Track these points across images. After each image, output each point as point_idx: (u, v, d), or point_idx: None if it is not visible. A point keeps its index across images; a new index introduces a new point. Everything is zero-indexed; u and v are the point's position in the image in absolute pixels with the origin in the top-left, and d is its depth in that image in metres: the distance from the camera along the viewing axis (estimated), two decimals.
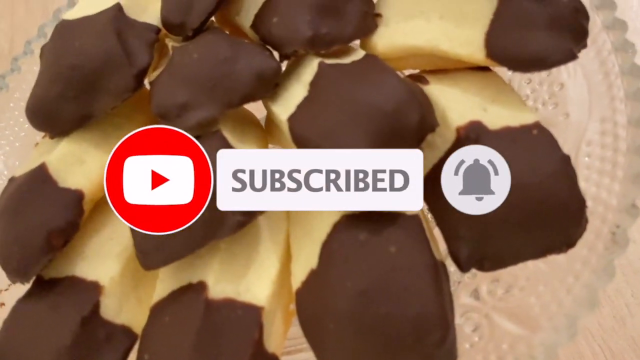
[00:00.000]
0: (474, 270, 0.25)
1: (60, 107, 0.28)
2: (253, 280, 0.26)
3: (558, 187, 0.24)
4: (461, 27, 0.27)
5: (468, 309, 0.26)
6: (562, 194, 0.24)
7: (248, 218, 0.25)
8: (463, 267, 0.24)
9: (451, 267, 0.26)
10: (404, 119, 0.24)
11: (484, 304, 0.26)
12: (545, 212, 0.23)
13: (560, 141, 0.25)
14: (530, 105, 0.30)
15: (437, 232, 0.26)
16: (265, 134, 0.30)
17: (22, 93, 0.37)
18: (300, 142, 0.25)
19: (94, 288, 0.26)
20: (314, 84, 0.26)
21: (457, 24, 0.27)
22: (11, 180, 0.29)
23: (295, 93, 0.27)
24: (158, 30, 0.30)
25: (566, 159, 0.24)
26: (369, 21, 0.29)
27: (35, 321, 0.26)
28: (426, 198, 0.26)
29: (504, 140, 0.24)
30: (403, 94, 0.24)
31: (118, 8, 0.29)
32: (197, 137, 0.26)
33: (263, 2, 0.29)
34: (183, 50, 0.28)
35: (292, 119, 0.26)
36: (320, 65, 0.26)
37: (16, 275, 0.26)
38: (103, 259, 0.28)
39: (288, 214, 0.28)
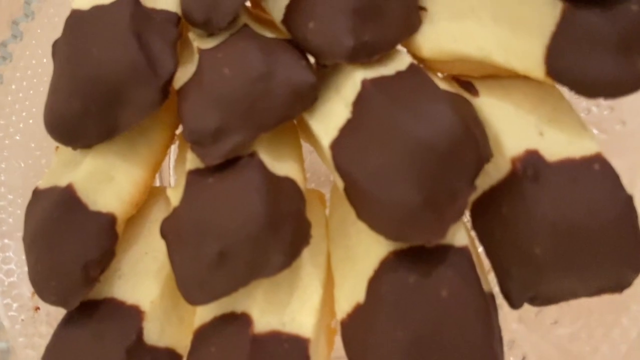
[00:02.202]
0: None
1: (83, 123, 0.26)
2: (297, 308, 0.25)
3: (618, 231, 0.23)
4: (518, 36, 0.24)
5: (515, 336, 0.26)
6: (622, 238, 0.23)
7: (291, 258, 0.24)
8: (514, 305, 0.24)
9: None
10: (459, 159, 0.22)
11: (531, 331, 0.26)
12: (602, 255, 0.23)
13: (617, 157, 0.23)
14: (583, 105, 0.28)
15: None
16: (299, 140, 0.28)
17: (17, 83, 0.34)
18: (346, 178, 0.24)
19: (136, 314, 0.26)
20: (357, 105, 0.24)
21: (513, 31, 0.24)
22: (35, 193, 0.28)
23: (336, 111, 0.25)
24: (178, 20, 0.28)
25: (628, 201, 0.23)
26: (414, 18, 0.26)
27: (79, 351, 0.26)
28: (475, 225, 0.26)
29: (564, 177, 0.23)
30: (457, 129, 0.22)
31: (134, 0, 0.26)
32: (232, 161, 0.25)
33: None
34: (212, 62, 0.25)
35: (335, 146, 0.24)
36: (364, 84, 0.24)
37: (57, 305, 0.26)
38: (141, 278, 0.27)
39: (328, 232, 0.28)
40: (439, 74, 0.28)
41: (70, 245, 0.25)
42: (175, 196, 0.26)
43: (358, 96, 0.24)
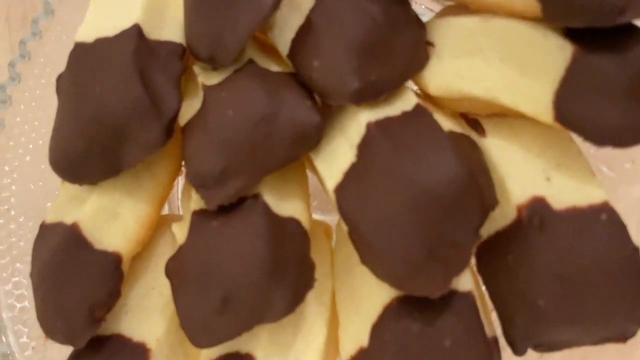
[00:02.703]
0: None
1: (87, 163, 0.26)
2: (302, 349, 0.26)
3: (623, 284, 0.22)
4: (526, 78, 0.23)
5: None
6: (627, 290, 0.22)
7: (295, 304, 0.24)
8: (518, 352, 0.24)
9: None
10: (463, 209, 0.22)
11: None
12: (607, 307, 0.23)
13: (623, 202, 0.23)
14: None
15: None
16: (305, 174, 0.28)
17: (26, 103, 0.34)
18: (349, 224, 0.24)
19: (142, 351, 0.26)
20: (361, 148, 0.24)
21: (522, 73, 0.23)
22: (42, 228, 0.28)
23: (341, 152, 0.25)
24: (183, 51, 0.27)
25: (634, 253, 0.22)
26: (421, 53, 0.25)
27: None
28: (479, 269, 0.25)
29: (570, 227, 0.23)
30: (462, 179, 0.22)
31: (138, 33, 0.26)
32: (236, 203, 0.25)
33: (299, 26, 0.26)
34: (216, 101, 0.25)
35: (339, 191, 0.24)
36: (369, 127, 0.24)
37: (64, 344, 0.26)
38: (147, 314, 0.27)
39: (333, 269, 0.28)
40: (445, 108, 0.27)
41: (76, 287, 0.25)
42: (180, 233, 0.27)
43: (363, 139, 0.24)
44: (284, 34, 0.26)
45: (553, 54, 0.23)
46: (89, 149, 0.26)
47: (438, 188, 0.22)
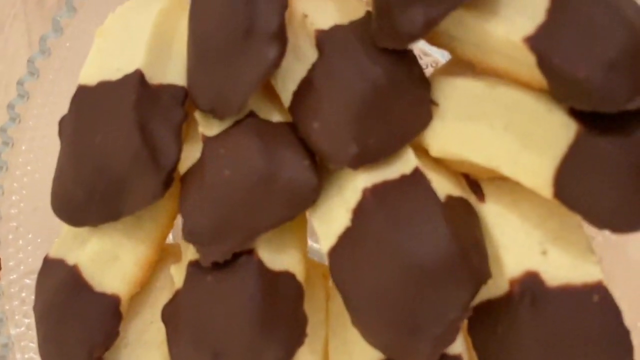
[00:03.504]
0: None
1: (87, 209, 0.26)
2: None
3: None
4: (528, 151, 0.23)
5: None
6: None
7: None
8: None
9: None
10: (453, 285, 0.22)
11: None
12: None
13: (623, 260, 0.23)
14: None
15: None
16: (304, 221, 0.28)
17: (35, 121, 0.35)
18: (340, 290, 0.24)
19: None
20: (356, 213, 0.24)
21: (524, 145, 0.23)
22: (45, 262, 0.28)
23: (337, 214, 0.25)
24: (185, 95, 0.27)
25: (625, 337, 0.22)
26: (424, 113, 0.25)
27: None
28: (470, 332, 0.25)
29: (562, 306, 0.23)
30: (453, 254, 0.22)
31: (140, 79, 0.26)
32: (231, 258, 0.25)
33: (302, 79, 0.25)
34: (214, 158, 0.25)
35: (332, 254, 0.24)
36: (364, 192, 0.24)
37: None
38: (146, 350, 0.28)
39: (327, 315, 0.28)
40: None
41: (76, 328, 0.26)
42: (178, 276, 0.27)
43: (358, 204, 0.24)
44: (287, 85, 0.26)
45: (557, 130, 0.22)
46: (88, 197, 0.26)
47: (428, 263, 0.22)
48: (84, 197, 0.26)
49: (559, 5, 0.22)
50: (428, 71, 0.27)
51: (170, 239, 0.35)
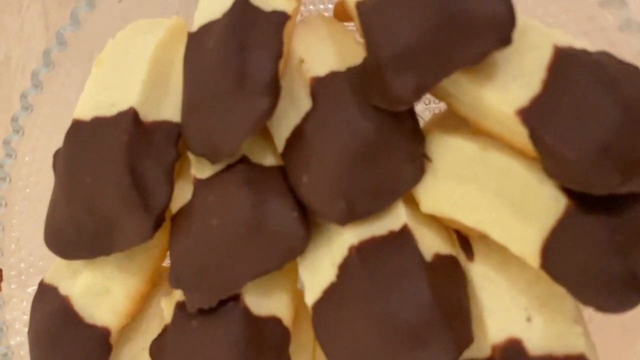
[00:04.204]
0: None
1: (78, 245, 0.26)
2: None
3: None
4: (517, 219, 0.23)
5: None
6: None
7: None
8: None
9: None
10: (434, 350, 0.22)
11: None
12: None
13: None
14: None
15: None
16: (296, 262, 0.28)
17: (38, 132, 0.35)
18: (321, 345, 0.24)
19: None
20: (342, 269, 0.24)
21: (514, 213, 0.23)
22: (40, 286, 0.29)
23: (323, 268, 0.25)
24: (179, 132, 0.27)
25: None
26: (417, 168, 0.25)
27: None
28: None
29: None
30: (435, 320, 0.22)
31: (133, 118, 0.26)
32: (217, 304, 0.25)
33: (295, 126, 0.25)
34: (203, 204, 0.25)
35: (316, 308, 0.24)
36: (350, 250, 0.24)
37: None
38: None
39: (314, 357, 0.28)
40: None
41: (66, 358, 0.27)
42: (167, 309, 0.27)
43: (344, 261, 0.24)
44: (281, 130, 0.26)
45: (547, 202, 0.22)
46: (79, 234, 0.26)
47: (409, 326, 0.22)
48: (75, 234, 0.26)
49: (555, 78, 0.22)
50: None
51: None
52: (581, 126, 0.21)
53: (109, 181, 0.25)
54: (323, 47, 0.26)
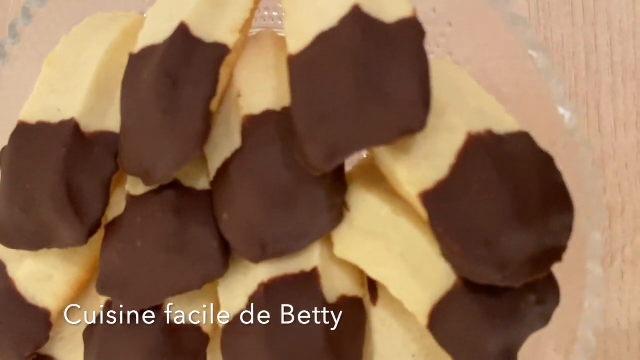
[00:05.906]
0: None
1: (19, 239, 0.28)
2: None
3: None
4: (414, 282, 0.24)
5: None
6: None
7: None
8: None
9: None
10: None
11: None
12: None
13: None
14: None
15: None
16: None
17: None
18: None
19: None
20: (252, 300, 0.26)
21: (413, 275, 0.24)
22: None
23: (237, 294, 0.27)
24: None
25: None
26: (333, 217, 0.26)
27: None
28: None
29: None
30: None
31: (74, 129, 0.27)
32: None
33: (225, 159, 0.26)
34: (130, 226, 0.26)
35: (226, 330, 0.26)
36: (259, 287, 0.26)
37: None
38: (78, 346, 0.31)
39: None
40: None
41: (10, 332, 0.30)
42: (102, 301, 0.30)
43: (254, 294, 0.26)
44: (214, 159, 0.27)
45: (440, 274, 0.24)
46: (19, 232, 0.28)
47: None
48: (14, 230, 0.28)
49: (462, 166, 0.22)
50: None
51: None
52: (471, 220, 0.22)
53: (46, 191, 0.26)
54: (263, 81, 0.27)
